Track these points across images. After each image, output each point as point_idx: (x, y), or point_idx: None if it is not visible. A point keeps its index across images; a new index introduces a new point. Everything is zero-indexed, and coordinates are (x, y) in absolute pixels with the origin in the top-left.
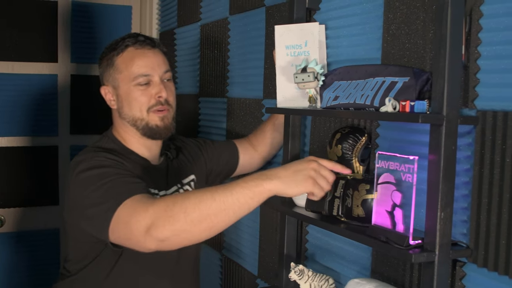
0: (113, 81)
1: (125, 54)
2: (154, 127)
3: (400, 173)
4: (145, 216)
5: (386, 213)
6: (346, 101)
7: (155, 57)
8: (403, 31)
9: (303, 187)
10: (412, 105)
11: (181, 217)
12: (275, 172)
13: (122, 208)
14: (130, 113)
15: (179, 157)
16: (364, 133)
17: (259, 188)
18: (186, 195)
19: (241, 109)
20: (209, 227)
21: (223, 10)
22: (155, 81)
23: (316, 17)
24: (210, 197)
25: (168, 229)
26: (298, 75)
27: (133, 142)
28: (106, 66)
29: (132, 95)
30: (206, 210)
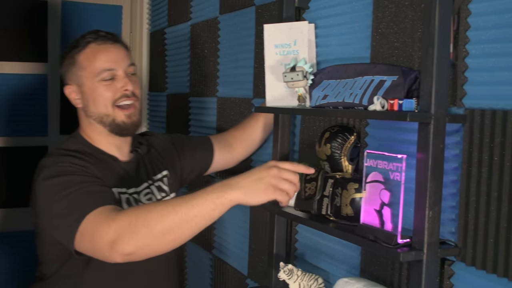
0: (77, 79)
1: (87, 50)
2: (121, 123)
3: (388, 171)
4: (108, 232)
5: (375, 212)
6: (335, 100)
7: (117, 51)
8: (392, 30)
9: (264, 195)
10: (400, 103)
11: (144, 232)
12: (236, 181)
13: (85, 222)
14: (96, 110)
15: (150, 153)
16: (353, 132)
17: (220, 199)
18: (148, 208)
19: (231, 109)
20: (173, 239)
21: (213, 10)
22: (120, 75)
23: (306, 16)
24: (172, 210)
25: (132, 244)
26: (287, 74)
27: (101, 141)
28: (69, 65)
29: (97, 91)
30: (169, 224)
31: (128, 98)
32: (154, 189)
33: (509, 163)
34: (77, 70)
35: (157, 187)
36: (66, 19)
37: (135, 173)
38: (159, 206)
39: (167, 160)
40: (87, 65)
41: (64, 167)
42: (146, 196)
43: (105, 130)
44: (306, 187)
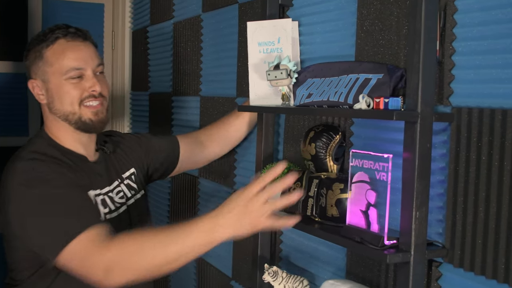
0: (42, 74)
1: (56, 46)
2: (87, 121)
3: (374, 171)
4: (102, 260)
5: (361, 213)
6: (319, 99)
7: (87, 50)
8: (377, 27)
9: (256, 228)
10: (386, 102)
11: (137, 268)
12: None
13: (76, 242)
14: (61, 107)
15: (116, 152)
16: (338, 131)
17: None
18: (142, 243)
19: (215, 108)
20: (164, 271)
21: (195, 8)
22: (88, 74)
23: (289, 13)
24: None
25: (126, 278)
26: (270, 72)
27: (67, 139)
28: (34, 58)
29: (63, 89)
30: (163, 260)
31: (95, 99)
32: (124, 187)
33: (497, 162)
34: (44, 65)
35: (126, 185)
36: (47, 17)
37: (106, 172)
38: (152, 241)
39: (133, 158)
40: (55, 61)
41: (43, 174)
42: (118, 194)
43: (71, 128)
44: (291, 187)
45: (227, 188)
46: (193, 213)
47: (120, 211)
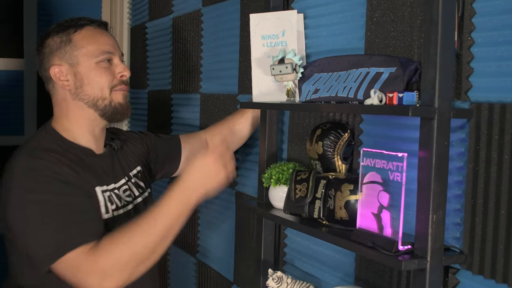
0: (70, 58)
1: (84, 31)
2: (117, 105)
3: (387, 171)
4: (95, 269)
5: (372, 216)
6: (327, 95)
7: (112, 38)
8: (388, 18)
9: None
10: (400, 97)
11: (131, 261)
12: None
13: (71, 256)
14: (91, 92)
15: (123, 149)
16: (347, 129)
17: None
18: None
19: (216, 106)
20: (158, 255)
21: (196, 2)
22: (117, 60)
23: (294, 5)
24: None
25: (122, 279)
26: (275, 66)
27: (79, 131)
28: (60, 43)
29: (94, 72)
30: (152, 244)
31: (124, 86)
32: (132, 185)
33: None
34: (72, 49)
35: (134, 184)
36: (43, 12)
37: (112, 169)
38: (137, 230)
39: (138, 156)
40: (85, 44)
41: (44, 178)
42: (125, 192)
43: (94, 115)
44: (297, 188)
45: (228, 189)
46: (193, 214)
47: (128, 209)
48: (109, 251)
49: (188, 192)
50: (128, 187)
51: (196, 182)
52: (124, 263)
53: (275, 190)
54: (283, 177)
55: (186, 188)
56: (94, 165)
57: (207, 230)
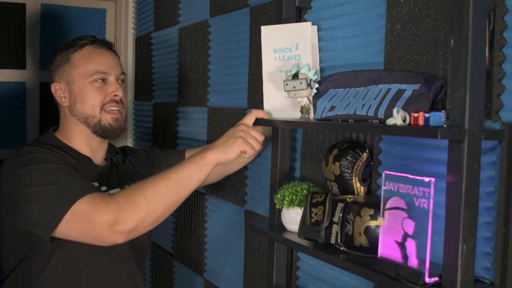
0: (67, 76)
1: (83, 51)
2: (106, 125)
3: (412, 197)
4: (107, 210)
5: (396, 244)
6: (344, 112)
7: (112, 57)
8: (410, 31)
9: (236, 147)
10: (426, 117)
11: (143, 203)
12: (212, 144)
13: (79, 204)
14: (82, 109)
15: (125, 163)
16: (365, 149)
17: (203, 160)
18: (141, 183)
19: (224, 120)
20: (169, 205)
21: (203, 12)
22: (111, 80)
23: (307, 17)
24: (164, 177)
25: (133, 219)
26: (288, 82)
27: (78, 141)
28: (61, 62)
29: (87, 91)
30: (164, 189)
31: (116, 104)
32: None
33: None
34: (70, 68)
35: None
36: (45, 23)
37: (108, 177)
38: (150, 178)
39: (141, 172)
40: (81, 64)
41: (41, 154)
42: None
43: (88, 131)
44: (312, 211)
45: (237, 206)
46: (200, 232)
47: None
48: (121, 193)
49: (204, 150)
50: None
51: (213, 144)
52: (135, 201)
53: (288, 212)
54: (296, 199)
55: (203, 148)
56: (91, 169)
57: (215, 249)
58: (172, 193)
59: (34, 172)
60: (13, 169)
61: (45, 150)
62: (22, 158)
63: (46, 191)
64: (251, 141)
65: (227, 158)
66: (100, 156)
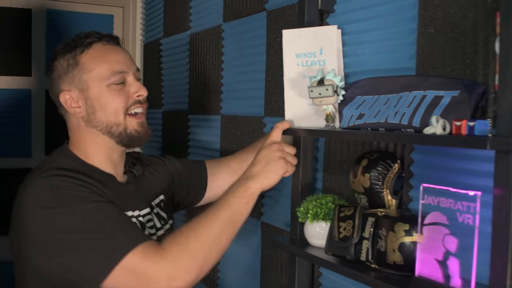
0: (79, 83)
1: (92, 51)
2: (134, 133)
3: (455, 212)
4: (163, 265)
5: (436, 263)
6: (374, 120)
7: (125, 53)
8: (445, 34)
9: (279, 169)
10: (471, 125)
11: (200, 250)
12: (251, 171)
13: (130, 258)
14: (104, 118)
15: (145, 175)
16: (396, 159)
17: (248, 192)
18: (191, 224)
19: (238, 128)
20: (224, 246)
21: (215, 17)
22: (131, 79)
23: (330, 20)
24: (215, 216)
25: (193, 270)
26: (313, 88)
27: (97, 156)
28: (67, 67)
29: (106, 96)
30: (218, 231)
31: (140, 105)
32: (154, 216)
33: None
34: (80, 73)
35: (156, 214)
36: (51, 29)
37: (136, 196)
38: (200, 218)
39: (161, 183)
40: (94, 66)
41: (68, 190)
42: (148, 223)
43: (111, 142)
44: (341, 226)
45: (253, 219)
46: None
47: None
48: (173, 241)
49: (246, 181)
50: (151, 217)
51: (252, 171)
52: (195, 255)
53: (311, 226)
54: (321, 212)
55: (243, 178)
56: (119, 191)
57: (229, 263)
58: (226, 233)
59: (72, 215)
60: (42, 208)
61: (74, 182)
62: (50, 194)
63: (90, 240)
64: (290, 159)
65: (272, 183)
66: (121, 170)
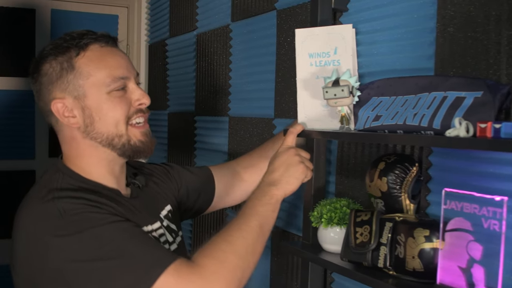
0: (75, 89)
1: (89, 53)
2: (138, 144)
3: (480, 218)
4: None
5: (459, 270)
6: (391, 122)
7: (124, 56)
8: (466, 34)
9: (300, 174)
10: (497, 128)
11: (238, 263)
12: (272, 177)
13: (163, 281)
14: (104, 129)
15: (149, 186)
16: (415, 162)
17: (274, 199)
18: (223, 237)
19: (246, 130)
20: (258, 257)
21: (223, 17)
22: (132, 86)
23: (343, 19)
24: (246, 225)
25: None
26: (328, 89)
27: (97, 170)
28: (60, 71)
29: (106, 104)
30: (252, 242)
31: (143, 114)
32: (165, 230)
33: None
34: (76, 78)
35: (166, 227)
36: (55, 29)
37: (144, 210)
38: (230, 231)
39: (166, 193)
40: (92, 71)
41: (79, 212)
42: (161, 238)
43: (112, 154)
44: (357, 231)
45: None
46: None
47: None
48: (207, 256)
49: (269, 188)
50: (162, 231)
51: (273, 177)
52: (233, 269)
53: (326, 231)
54: (336, 216)
55: (265, 185)
56: (129, 207)
57: None
58: (259, 243)
59: (89, 241)
60: (53, 237)
61: (84, 203)
62: (60, 220)
63: (115, 267)
64: (307, 164)
65: (294, 189)
66: (123, 182)
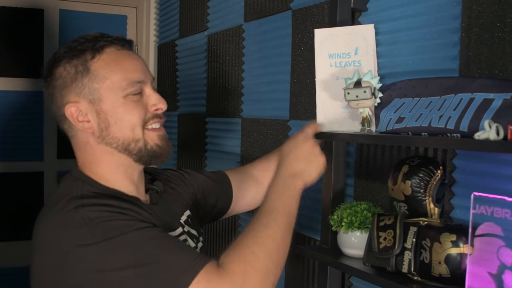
0: (90, 93)
1: (105, 56)
2: (155, 148)
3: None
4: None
5: (489, 277)
6: (416, 124)
7: (140, 60)
8: (492, 34)
9: (320, 166)
10: None
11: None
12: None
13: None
14: (120, 134)
15: (167, 191)
16: (439, 165)
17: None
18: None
19: (260, 132)
20: (286, 255)
21: (236, 17)
22: (148, 90)
23: (362, 19)
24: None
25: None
26: (350, 90)
27: (115, 178)
28: (75, 74)
29: (122, 108)
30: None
31: (159, 120)
32: (187, 236)
33: None
34: (92, 81)
35: (187, 233)
36: (64, 30)
37: (166, 216)
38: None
39: (184, 199)
40: (108, 74)
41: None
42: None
43: (128, 160)
44: (380, 236)
45: None
46: None
47: None
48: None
49: (292, 179)
50: (185, 237)
51: (294, 168)
52: (265, 273)
53: (346, 236)
54: (356, 220)
55: (286, 176)
56: (150, 214)
57: None
58: (287, 239)
59: (118, 249)
60: (79, 247)
61: (109, 210)
62: (85, 229)
63: (146, 275)
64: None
65: (313, 180)
66: (143, 189)
